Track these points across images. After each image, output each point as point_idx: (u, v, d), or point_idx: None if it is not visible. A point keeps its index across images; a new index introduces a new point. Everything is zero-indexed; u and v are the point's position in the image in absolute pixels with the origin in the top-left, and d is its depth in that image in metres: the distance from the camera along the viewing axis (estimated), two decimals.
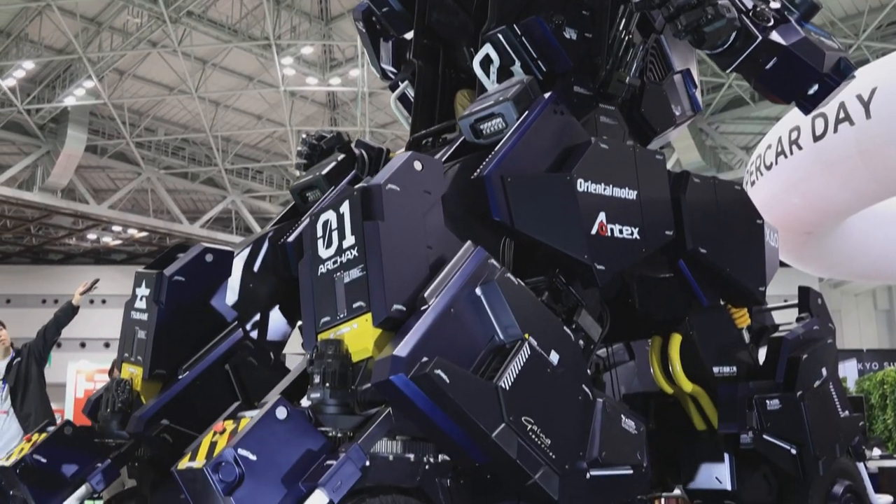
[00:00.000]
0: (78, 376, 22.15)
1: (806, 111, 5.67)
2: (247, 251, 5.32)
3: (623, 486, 4.16)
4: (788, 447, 5.22)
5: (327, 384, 3.71)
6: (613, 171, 4.57)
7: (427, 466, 3.88)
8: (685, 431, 5.51)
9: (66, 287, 32.15)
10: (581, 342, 4.43)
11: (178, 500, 3.77)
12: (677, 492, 6.24)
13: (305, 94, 26.07)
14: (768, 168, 14.19)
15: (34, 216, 29.39)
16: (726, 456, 5.26)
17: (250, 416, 3.59)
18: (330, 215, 4.11)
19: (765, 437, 5.13)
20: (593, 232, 4.38)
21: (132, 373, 5.11)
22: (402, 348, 3.49)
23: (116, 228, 30.78)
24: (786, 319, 6.25)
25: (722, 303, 5.36)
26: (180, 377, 4.94)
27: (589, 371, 4.83)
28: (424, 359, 3.46)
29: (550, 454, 3.71)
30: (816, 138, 12.71)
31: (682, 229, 4.87)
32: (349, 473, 3.43)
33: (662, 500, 10.30)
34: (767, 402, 5.18)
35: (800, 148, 13.19)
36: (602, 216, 4.43)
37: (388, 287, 3.76)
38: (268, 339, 5.24)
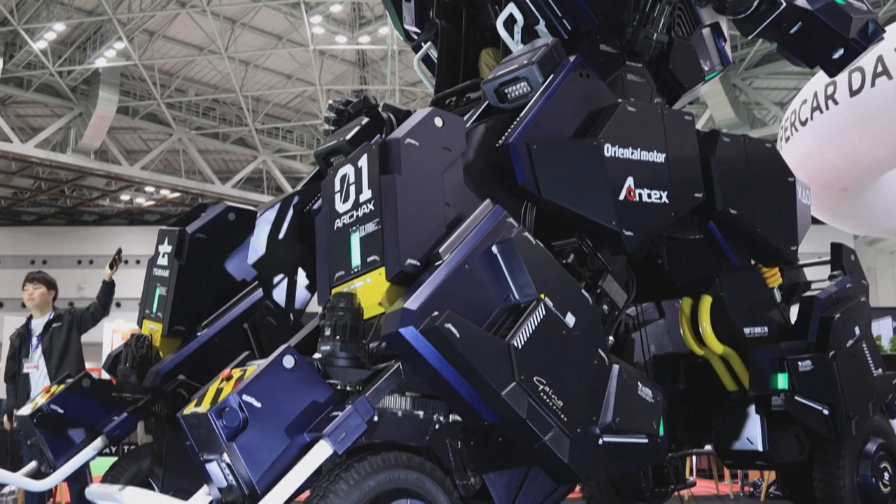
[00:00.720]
0: (114, 336, 22.42)
1: (831, 74, 5.56)
2: (272, 212, 5.31)
3: (637, 455, 4.10)
4: (820, 408, 5.17)
5: (338, 337, 3.66)
6: (641, 135, 4.48)
7: (437, 426, 3.86)
8: (716, 392, 5.48)
9: (100, 248, 32.58)
10: (605, 307, 4.37)
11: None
12: (708, 448, 6.23)
13: (335, 52, 25.94)
14: (803, 124, 13.94)
15: (68, 178, 29.67)
16: (757, 417, 5.22)
17: (258, 365, 3.56)
18: (348, 169, 4.08)
19: (796, 398, 5.09)
20: (621, 197, 4.31)
21: (152, 329, 5.16)
22: (413, 301, 3.45)
23: (149, 189, 31.01)
24: (820, 277, 6.19)
25: (753, 262, 5.30)
26: (199, 334, 4.97)
27: (616, 332, 4.80)
28: (435, 313, 3.42)
29: (562, 416, 3.67)
30: (853, 93, 12.45)
31: (712, 190, 4.79)
32: (355, 426, 3.39)
33: (694, 458, 10.36)
34: (799, 363, 5.13)
35: (836, 103, 12.94)
36: (630, 181, 4.36)
37: (402, 241, 3.71)
38: (288, 302, 5.24)
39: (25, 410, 5.13)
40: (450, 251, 3.70)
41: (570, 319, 3.83)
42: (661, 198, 4.49)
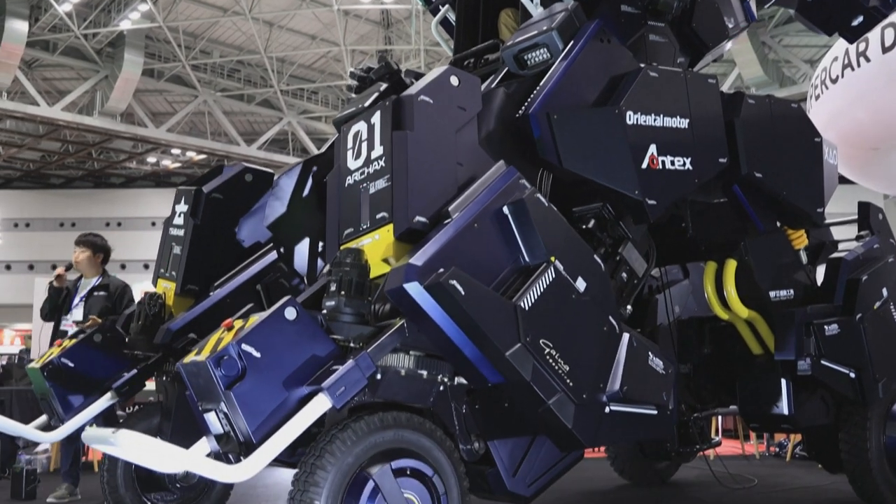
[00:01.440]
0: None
1: (850, 41, 5.47)
2: (290, 176, 5.31)
3: (644, 425, 4.06)
4: (847, 371, 5.15)
5: (342, 292, 3.62)
6: (664, 101, 4.41)
7: (441, 388, 3.83)
8: (741, 356, 5.46)
9: (128, 210, 32.84)
10: (624, 275, 4.34)
11: None
12: (734, 408, 6.22)
13: (359, 12, 25.75)
14: (833, 81, 13.71)
15: (95, 140, 29.78)
16: (783, 381, 5.20)
17: (259, 316, 3.54)
18: (361, 126, 4.05)
19: (823, 362, 5.05)
20: (644, 166, 4.26)
21: (166, 288, 5.19)
22: (419, 257, 3.42)
23: (175, 151, 31.10)
24: (849, 236, 6.13)
25: (778, 225, 5.24)
26: (212, 294, 4.99)
27: (639, 295, 4.75)
28: (441, 270, 3.37)
29: (567, 381, 3.64)
30: (886, 49, 12.21)
31: (737, 154, 4.72)
32: (354, 380, 3.36)
33: (719, 418, 10.35)
34: (826, 327, 5.09)
35: (867, 60, 12.70)
36: (653, 148, 4.30)
37: (411, 197, 3.67)
38: (301, 266, 5.24)
39: (36, 363, 5.19)
40: (459, 210, 3.65)
41: (580, 284, 3.79)
42: (684, 165, 4.43)
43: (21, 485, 7.32)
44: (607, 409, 3.83)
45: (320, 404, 3.31)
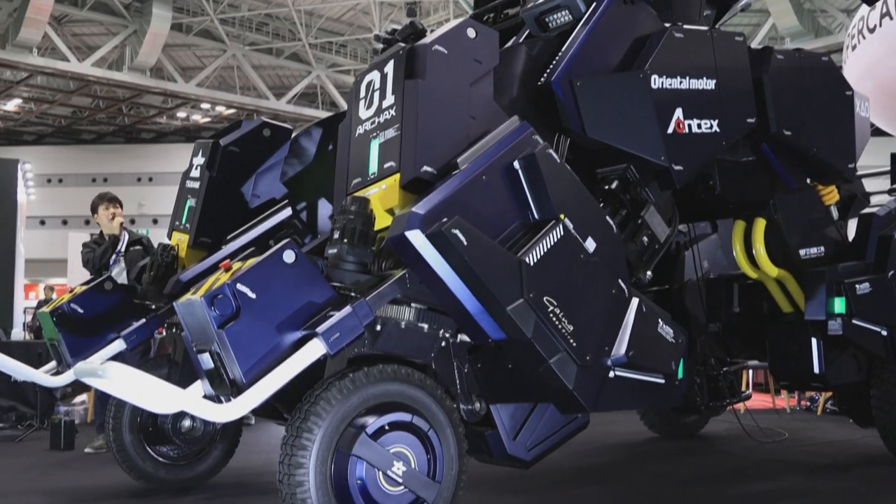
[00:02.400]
0: None
1: (869, 3, 5.36)
2: (311, 135, 5.29)
3: (651, 393, 3.99)
4: (879, 329, 5.10)
5: (345, 240, 3.57)
6: (690, 62, 4.31)
7: (443, 343, 3.77)
8: (771, 313, 5.43)
9: (159, 165, 33.02)
10: (645, 239, 4.28)
11: None
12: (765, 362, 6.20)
13: None
14: (871, 31, 13.42)
15: (125, 96, 29.90)
16: (813, 340, 5.16)
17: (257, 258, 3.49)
18: (374, 76, 3.99)
19: (854, 322, 5.01)
20: (670, 130, 4.17)
21: (179, 240, 5.21)
22: (423, 206, 3.35)
23: (205, 106, 31.14)
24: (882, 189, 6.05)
25: (808, 181, 5.17)
26: (224, 247, 5.01)
27: (667, 251, 4.69)
28: (445, 219, 3.29)
29: (571, 341, 3.56)
30: None
31: (765, 112, 4.63)
32: (350, 327, 3.31)
33: (750, 372, 10.33)
34: (857, 286, 5.02)
35: None
36: (679, 112, 4.21)
37: (420, 146, 3.60)
38: (316, 224, 5.22)
39: (46, 308, 5.24)
40: (468, 162, 3.58)
41: (590, 244, 3.72)
42: (711, 127, 4.34)
43: (59, 436, 7.49)
44: (612, 374, 3.76)
45: (314, 349, 3.27)
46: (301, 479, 3.28)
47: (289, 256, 3.43)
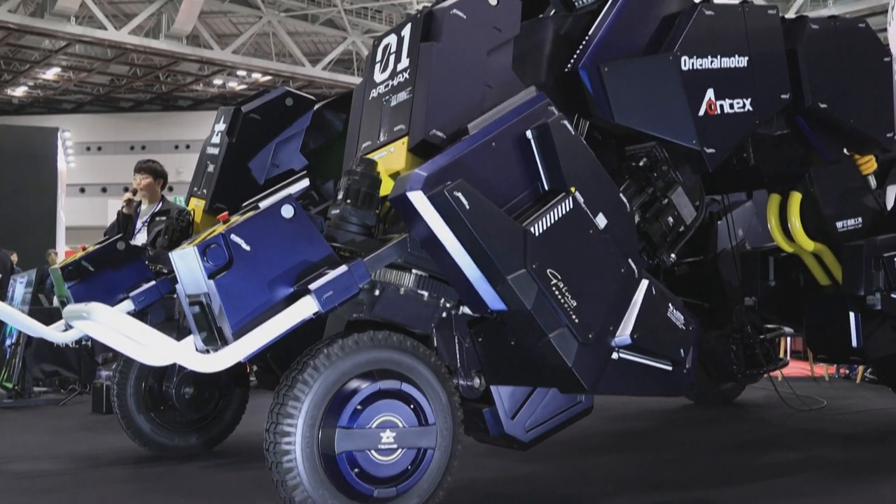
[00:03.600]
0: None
1: None
2: (336, 108, 5.26)
3: (656, 380, 3.84)
4: None
5: (349, 201, 3.51)
6: (721, 40, 4.19)
7: (444, 314, 3.69)
8: (807, 286, 5.37)
9: (196, 132, 33.14)
10: (671, 220, 4.19)
11: None
12: None
13: None
14: None
15: (162, 64, 30.05)
16: (851, 313, 5.08)
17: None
18: (391, 39, 3.95)
19: (893, 296, 4.93)
20: (701, 113, 4.08)
21: (196, 206, 5.22)
22: (427, 167, 3.27)
23: (241, 73, 31.23)
24: None
25: (845, 151, 5.08)
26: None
27: (701, 222, 4.62)
28: (449, 183, 3.21)
29: (573, 317, 3.42)
30: None
31: (800, 85, 4.52)
32: (345, 286, 3.23)
33: (788, 339, 10.25)
34: None
35: None
36: (710, 93, 4.11)
37: (430, 109, 3.53)
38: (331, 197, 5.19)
39: (58, 265, 5.27)
40: (478, 128, 3.50)
41: (600, 220, 3.61)
42: (744, 106, 4.24)
43: (101, 400, 7.63)
44: (616, 356, 3.63)
45: (305, 306, 3.19)
46: (287, 448, 3.25)
47: (287, 211, 3.35)
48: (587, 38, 4.06)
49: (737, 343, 6.57)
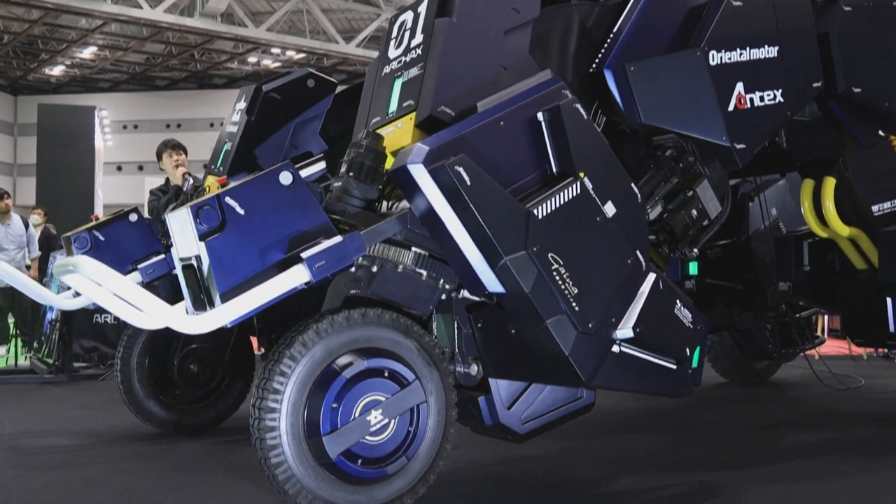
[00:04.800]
0: None
1: None
2: (357, 92, 5.25)
3: (659, 377, 3.71)
4: None
5: (351, 174, 3.45)
6: (750, 31, 4.07)
7: (443, 296, 3.61)
8: (843, 270, 5.30)
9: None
10: (694, 212, 4.09)
11: None
12: None
13: None
14: None
15: (197, 42, 30.17)
16: (889, 299, 5.01)
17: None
18: (408, 15, 3.89)
19: None
20: (730, 108, 3.97)
21: (212, 183, 5.24)
22: (430, 141, 3.19)
23: (275, 51, 31.27)
24: None
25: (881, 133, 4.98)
26: None
27: (733, 202, 4.54)
28: (452, 157, 3.12)
29: (573, 304, 3.31)
30: None
31: (832, 70, 4.40)
32: (338, 257, 3.17)
33: (825, 318, 10.15)
34: None
35: None
36: (740, 87, 4.00)
37: (440, 85, 3.46)
38: None
39: (69, 233, 5.30)
40: (488, 106, 3.41)
41: (609, 209, 3.50)
42: (774, 98, 4.13)
43: None
44: (617, 349, 3.51)
45: (297, 274, 3.13)
46: (272, 425, 3.21)
47: (285, 178, 3.28)
48: (612, 34, 3.98)
49: (772, 322, 6.52)
